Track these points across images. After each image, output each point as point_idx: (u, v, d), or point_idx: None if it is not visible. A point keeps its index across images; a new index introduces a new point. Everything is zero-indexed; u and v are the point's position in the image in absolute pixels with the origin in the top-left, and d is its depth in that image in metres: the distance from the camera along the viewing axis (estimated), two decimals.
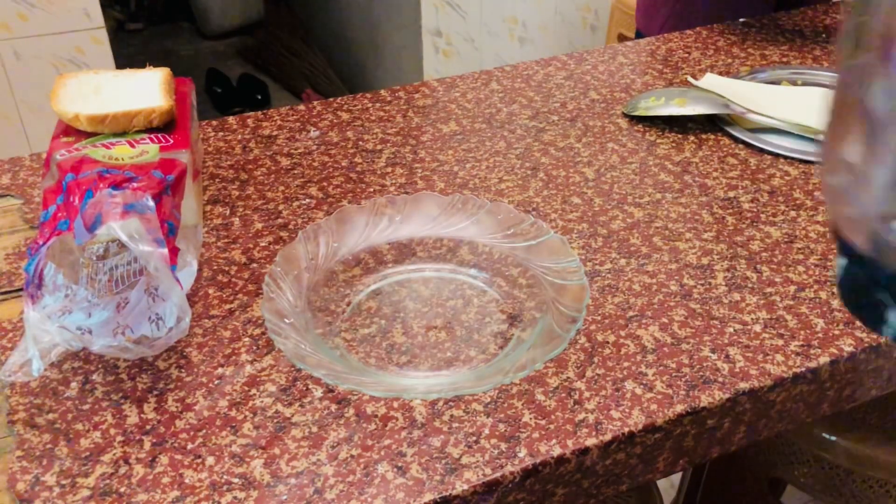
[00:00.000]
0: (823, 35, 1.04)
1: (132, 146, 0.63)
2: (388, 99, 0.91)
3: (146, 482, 0.49)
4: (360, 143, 0.82)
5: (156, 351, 0.56)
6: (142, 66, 0.72)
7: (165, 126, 0.67)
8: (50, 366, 0.56)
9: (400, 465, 0.50)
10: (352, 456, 0.50)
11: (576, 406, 0.54)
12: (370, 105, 0.89)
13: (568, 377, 0.56)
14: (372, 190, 0.75)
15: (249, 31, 2.90)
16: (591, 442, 0.51)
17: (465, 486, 0.49)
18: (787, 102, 0.87)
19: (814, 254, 0.67)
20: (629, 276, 0.65)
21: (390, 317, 0.62)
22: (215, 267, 0.66)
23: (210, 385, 0.55)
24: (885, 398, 0.64)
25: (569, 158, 0.80)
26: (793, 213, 0.72)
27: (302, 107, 0.89)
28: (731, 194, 0.75)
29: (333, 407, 0.54)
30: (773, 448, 0.90)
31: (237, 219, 0.71)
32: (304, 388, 0.55)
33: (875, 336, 0.59)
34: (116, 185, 0.57)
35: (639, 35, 1.27)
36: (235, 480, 0.49)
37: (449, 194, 0.72)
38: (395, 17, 2.01)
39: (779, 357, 0.57)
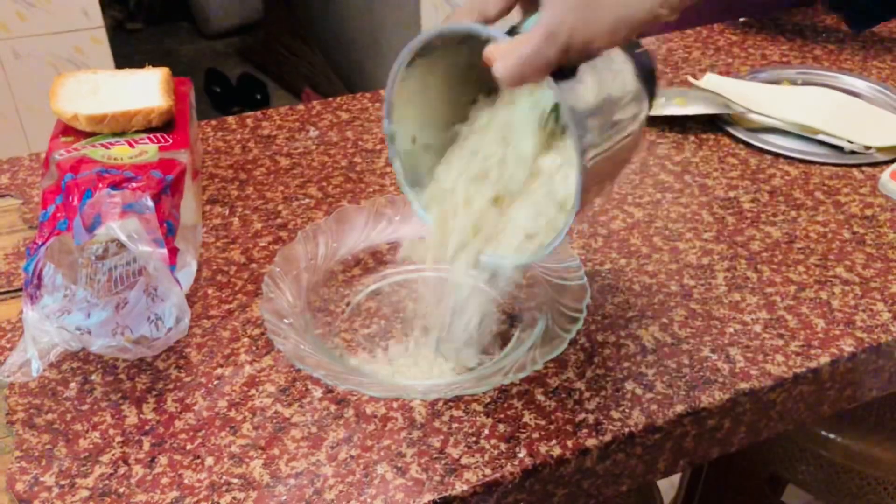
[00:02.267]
0: (823, 35, 1.04)
1: (131, 146, 0.63)
2: None
3: (145, 483, 0.49)
4: (360, 142, 0.82)
5: (155, 351, 0.56)
6: (141, 65, 0.72)
7: (164, 126, 0.67)
8: (49, 366, 0.56)
9: (399, 465, 0.50)
10: (351, 456, 0.50)
11: (576, 406, 0.54)
12: (370, 105, 0.89)
13: (568, 377, 0.56)
14: (371, 190, 0.75)
15: (249, 30, 2.91)
16: (591, 442, 0.51)
17: (465, 487, 0.49)
18: (788, 102, 0.87)
19: (814, 254, 0.67)
20: (629, 277, 0.65)
21: (390, 317, 0.62)
22: (214, 267, 0.66)
23: (209, 385, 0.55)
24: (885, 397, 0.64)
25: None
26: (793, 213, 0.72)
27: (301, 106, 0.89)
28: (732, 194, 0.75)
29: (333, 407, 0.54)
30: (773, 446, 0.90)
31: (236, 219, 0.71)
32: (304, 389, 0.55)
33: (875, 336, 0.59)
34: (115, 185, 0.57)
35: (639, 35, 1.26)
36: (235, 481, 0.49)
37: None
38: (394, 16, 2.01)
39: (779, 357, 0.57)
